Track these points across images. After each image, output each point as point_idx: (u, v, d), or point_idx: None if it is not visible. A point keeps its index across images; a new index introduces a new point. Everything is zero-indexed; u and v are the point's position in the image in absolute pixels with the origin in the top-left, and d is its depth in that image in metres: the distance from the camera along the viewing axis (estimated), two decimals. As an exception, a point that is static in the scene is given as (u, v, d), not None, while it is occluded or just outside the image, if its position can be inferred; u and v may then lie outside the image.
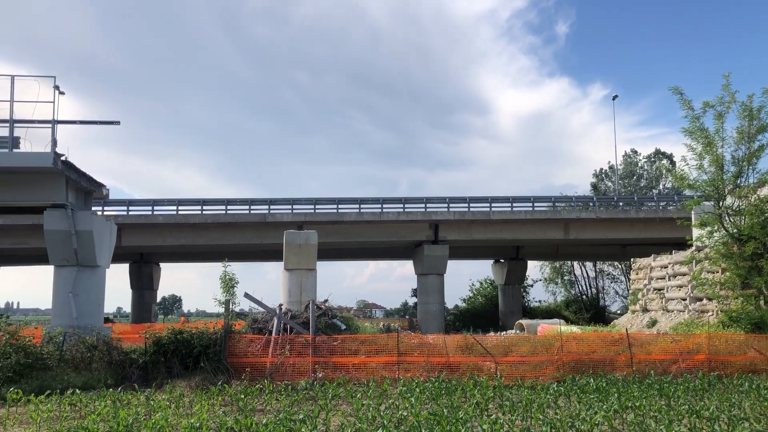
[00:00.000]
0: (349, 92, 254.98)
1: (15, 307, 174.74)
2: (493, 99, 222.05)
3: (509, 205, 43.95)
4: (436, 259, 43.87)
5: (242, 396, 12.64)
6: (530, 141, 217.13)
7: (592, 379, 14.97)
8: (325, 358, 16.64)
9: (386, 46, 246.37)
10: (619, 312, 55.60)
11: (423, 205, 43.61)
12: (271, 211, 42.51)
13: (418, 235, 43.86)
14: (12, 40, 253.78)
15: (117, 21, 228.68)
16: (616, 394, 12.70)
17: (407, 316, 69.30)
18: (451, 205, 43.70)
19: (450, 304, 61.95)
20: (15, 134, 20.35)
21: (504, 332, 33.70)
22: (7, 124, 20.32)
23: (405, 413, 10.63)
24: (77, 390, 13.51)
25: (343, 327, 19.34)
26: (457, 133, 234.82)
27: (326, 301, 21.26)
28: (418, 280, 46.87)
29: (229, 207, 42.78)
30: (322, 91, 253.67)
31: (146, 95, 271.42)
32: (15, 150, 20.24)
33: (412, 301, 76.90)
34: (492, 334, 28.60)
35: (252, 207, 42.96)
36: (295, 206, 43.03)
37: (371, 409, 10.81)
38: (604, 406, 11.14)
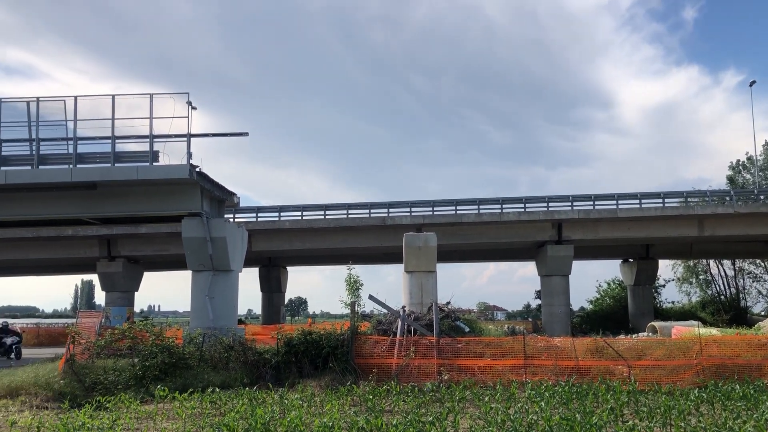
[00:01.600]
0: (464, 92, 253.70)
1: (157, 309, 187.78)
2: (616, 91, 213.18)
3: (637, 201, 41.86)
4: (559, 259, 42.61)
5: (370, 396, 12.83)
6: (657, 133, 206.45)
7: (737, 386, 13.94)
8: (450, 361, 16.59)
9: (502, 44, 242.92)
10: (763, 313, 51.56)
11: (545, 204, 42.48)
12: (390, 214, 42.99)
13: (541, 235, 42.80)
14: (148, 61, 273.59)
15: (240, 36, 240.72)
16: (767, 402, 11.75)
17: (530, 319, 67.78)
18: (574, 203, 42.25)
19: (575, 305, 60.00)
20: (154, 149, 21.87)
21: (635, 335, 32.14)
22: (148, 140, 21.85)
23: (535, 417, 10.37)
24: (216, 388, 14.21)
25: (467, 329, 19.21)
26: (579, 129, 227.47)
27: (448, 303, 21.20)
28: (541, 282, 45.72)
29: (350, 211, 43.72)
30: (437, 92, 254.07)
31: (269, 106, 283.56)
32: (155, 163, 21.73)
33: (535, 303, 75.08)
34: (622, 336, 27.38)
35: (371, 211, 43.63)
36: (413, 209, 43.27)
37: (500, 412, 10.64)
38: (755, 415, 10.33)
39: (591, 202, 42.23)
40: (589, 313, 57.44)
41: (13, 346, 25.63)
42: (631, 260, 51.35)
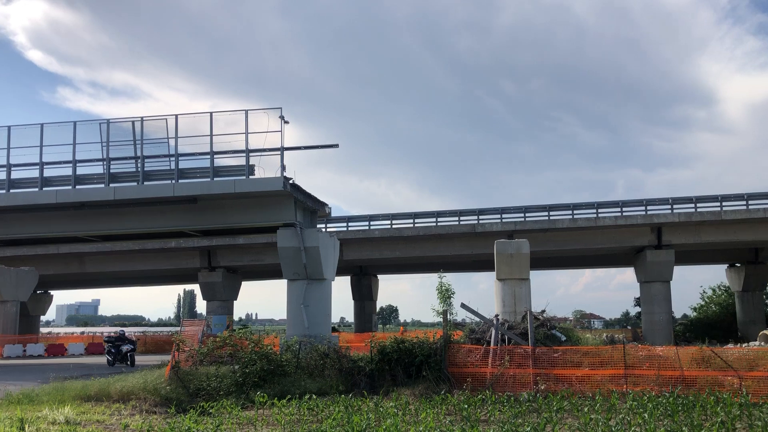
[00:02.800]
0: (555, 95, 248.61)
1: (254, 317, 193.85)
2: (717, 88, 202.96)
3: (743, 202, 39.53)
4: (660, 265, 40.81)
5: (465, 406, 12.72)
6: (765, 130, 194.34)
7: None
8: (546, 370, 16.22)
9: (593, 45, 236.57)
10: None
11: (643, 208, 40.84)
12: (480, 221, 42.56)
13: (639, 240, 41.16)
14: (241, 78, 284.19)
15: (329, 50, 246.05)
16: None
17: (630, 327, 65.25)
18: (675, 206, 40.40)
19: (677, 313, 57.31)
20: (249, 162, 22.65)
21: (746, 344, 30.32)
22: (244, 155, 22.67)
23: (638, 429, 9.98)
24: (313, 395, 14.48)
25: (563, 338, 18.73)
26: (677, 128, 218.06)
27: (543, 311, 20.72)
28: (640, 288, 43.90)
29: (439, 219, 43.64)
30: (526, 97, 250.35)
31: (358, 117, 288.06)
32: (251, 177, 22.50)
33: (634, 311, 72.39)
34: (731, 346, 25.88)
35: (461, 218, 43.36)
36: (504, 215, 42.62)
37: (600, 423, 10.30)
38: None
39: (692, 205, 40.32)
40: (693, 320, 54.66)
41: (128, 354, 27.09)
42: (739, 265, 48.55)
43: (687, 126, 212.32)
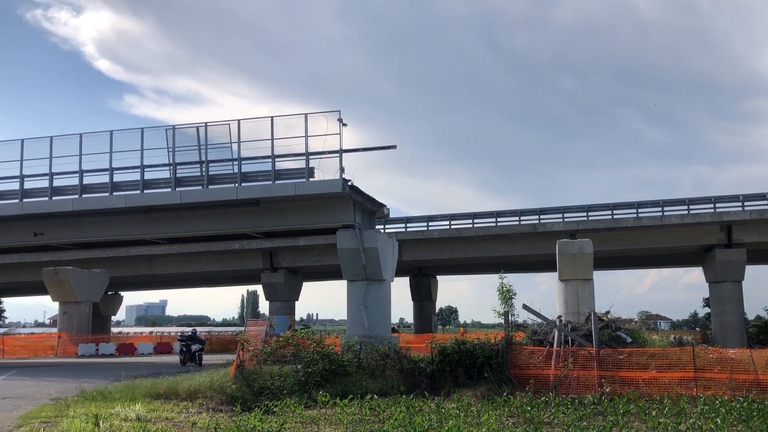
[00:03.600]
0: (616, 91, 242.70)
1: (314, 318, 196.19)
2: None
3: (822, 198, 37.78)
4: (730, 264, 39.30)
5: (528, 408, 12.56)
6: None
7: None
8: (611, 372, 15.85)
9: (656, 37, 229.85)
10: None
11: (711, 205, 39.43)
12: (541, 221, 41.96)
13: (707, 239, 39.75)
14: (300, 81, 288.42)
15: (386, 51, 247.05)
16: None
17: (698, 329, 63.08)
18: (745, 203, 38.86)
19: (750, 314, 54.96)
20: (309, 165, 22.98)
21: (825, 347, 28.84)
22: (303, 158, 23.01)
23: (710, 435, 9.65)
24: (374, 395, 14.55)
25: (629, 340, 18.25)
26: (747, 122, 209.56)
27: (608, 312, 20.22)
28: (710, 289, 42.37)
29: (498, 219, 43.22)
30: (587, 92, 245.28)
31: (416, 117, 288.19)
32: (310, 179, 22.82)
33: (702, 311, 69.89)
34: (809, 349, 24.66)
35: (521, 218, 42.85)
36: (566, 215, 41.89)
37: (669, 428, 10.01)
38: None
39: (766, 201, 38.70)
40: (767, 322, 52.43)
41: (196, 353, 27.79)
42: (817, 264, 46.31)
43: (759, 120, 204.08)
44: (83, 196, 24.77)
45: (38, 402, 15.23)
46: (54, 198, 25.05)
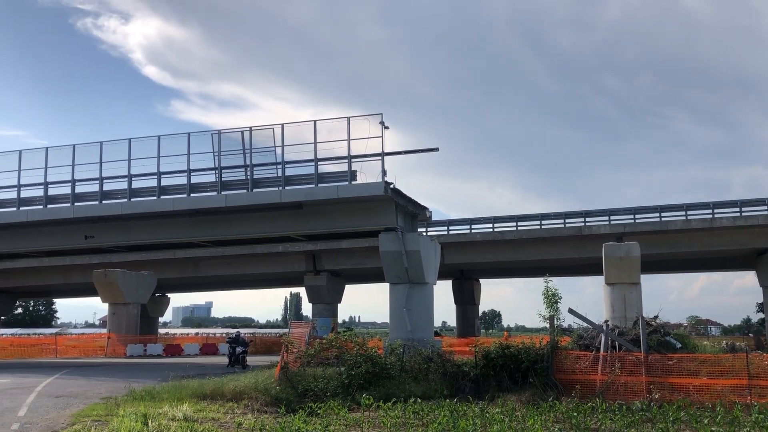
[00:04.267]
0: (664, 91, 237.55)
1: (357, 320, 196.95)
2: None
3: None
4: (785, 268, 38.09)
5: (574, 413, 12.35)
6: None
7: None
8: (660, 378, 15.46)
9: (705, 35, 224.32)
10: None
11: (765, 207, 38.26)
12: (587, 224, 41.30)
13: (761, 242, 38.54)
14: (342, 85, 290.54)
15: (428, 54, 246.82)
16: None
17: (751, 334, 61.12)
18: (801, 204, 37.64)
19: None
20: (351, 168, 23.05)
21: None
22: (346, 161, 23.10)
23: (766, 445, 9.32)
24: (418, 399, 14.50)
25: (678, 345, 17.81)
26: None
27: (656, 317, 19.79)
28: (764, 294, 41.13)
29: (543, 222, 42.67)
30: (633, 92, 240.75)
31: (458, 120, 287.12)
32: (353, 182, 22.90)
33: (756, 317, 67.73)
34: None
35: (566, 220, 42.23)
36: (612, 217, 41.16)
37: (723, 437, 9.70)
38: None
39: (823, 203, 37.36)
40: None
41: (240, 356, 28.11)
42: None
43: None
44: (132, 200, 25.34)
45: (89, 401, 15.65)
46: (104, 202, 25.69)
